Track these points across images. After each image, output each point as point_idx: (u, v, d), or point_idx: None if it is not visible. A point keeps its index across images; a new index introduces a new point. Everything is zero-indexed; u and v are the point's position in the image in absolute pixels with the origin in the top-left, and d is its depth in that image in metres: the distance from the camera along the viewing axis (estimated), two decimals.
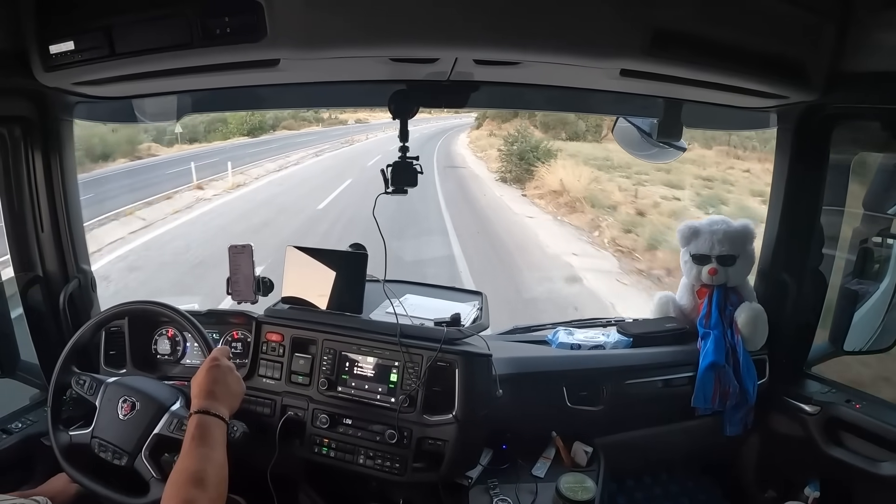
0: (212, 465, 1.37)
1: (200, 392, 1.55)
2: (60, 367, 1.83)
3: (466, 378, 1.88)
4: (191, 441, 1.42)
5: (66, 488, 1.81)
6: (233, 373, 1.65)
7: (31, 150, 1.99)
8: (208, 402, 1.51)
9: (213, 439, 1.44)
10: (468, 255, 9.84)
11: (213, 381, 1.58)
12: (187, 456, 1.39)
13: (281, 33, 1.39)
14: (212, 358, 1.65)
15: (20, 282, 2.10)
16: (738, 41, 1.58)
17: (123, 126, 14.68)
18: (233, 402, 1.60)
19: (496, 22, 1.40)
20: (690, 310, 2.48)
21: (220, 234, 11.81)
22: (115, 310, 1.94)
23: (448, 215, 13.11)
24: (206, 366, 1.62)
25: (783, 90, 1.81)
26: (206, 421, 1.47)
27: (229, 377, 1.63)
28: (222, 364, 1.64)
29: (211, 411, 1.49)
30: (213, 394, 1.54)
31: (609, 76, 1.69)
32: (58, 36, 1.53)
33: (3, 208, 2.05)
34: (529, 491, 2.02)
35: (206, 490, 1.32)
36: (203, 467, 1.36)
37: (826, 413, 2.21)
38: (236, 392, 1.63)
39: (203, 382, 1.57)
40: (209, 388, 1.56)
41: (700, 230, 2.37)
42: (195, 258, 9.77)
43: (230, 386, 1.62)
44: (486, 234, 11.88)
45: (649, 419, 2.39)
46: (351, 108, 7.22)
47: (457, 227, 12.04)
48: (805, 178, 2.18)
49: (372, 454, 1.93)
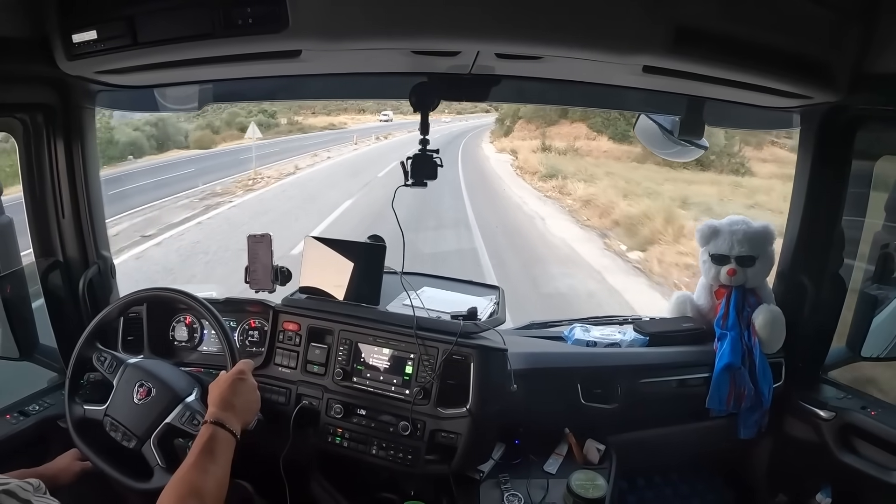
0: (214, 482, 1.38)
1: (221, 402, 1.56)
2: (84, 342, 1.86)
3: (481, 372, 1.88)
4: (199, 452, 1.42)
5: (70, 466, 1.82)
6: (255, 391, 1.68)
7: (52, 137, 2.02)
8: (225, 414, 1.53)
9: (221, 455, 1.45)
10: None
11: (234, 394, 1.60)
12: (193, 468, 1.39)
13: (303, 24, 1.39)
14: (239, 370, 1.67)
15: (41, 267, 2.13)
16: (761, 39, 1.56)
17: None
18: (247, 419, 1.62)
19: (519, 16, 1.39)
20: (708, 310, 2.46)
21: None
22: (135, 295, 1.96)
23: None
24: (232, 377, 1.64)
25: (806, 90, 1.78)
26: (218, 435, 1.48)
27: (251, 395, 1.66)
28: (248, 380, 1.67)
29: (226, 425, 1.50)
30: (232, 406, 1.56)
31: (631, 72, 1.68)
32: (80, 25, 1.54)
33: (24, 194, 2.07)
34: (540, 487, 2.02)
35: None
36: (205, 483, 1.36)
37: (841, 419, 2.18)
38: (253, 409, 1.66)
39: (225, 392, 1.59)
40: (230, 399, 1.58)
41: (720, 230, 2.34)
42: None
43: (250, 403, 1.65)
44: None
45: (663, 419, 2.37)
46: (372, 99, 7.26)
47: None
48: (827, 179, 2.15)
49: (385, 445, 1.94)
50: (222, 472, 1.43)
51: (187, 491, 1.33)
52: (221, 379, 1.65)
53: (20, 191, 2.09)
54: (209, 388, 1.65)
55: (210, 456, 1.42)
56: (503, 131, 27.30)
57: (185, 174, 18.57)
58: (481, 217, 13.09)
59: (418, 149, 1.93)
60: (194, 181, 17.31)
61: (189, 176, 18.21)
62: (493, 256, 9.71)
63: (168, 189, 16.11)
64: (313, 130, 35.88)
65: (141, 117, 20.90)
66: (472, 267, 8.80)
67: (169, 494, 1.32)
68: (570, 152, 21.81)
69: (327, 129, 37.32)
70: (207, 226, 12.80)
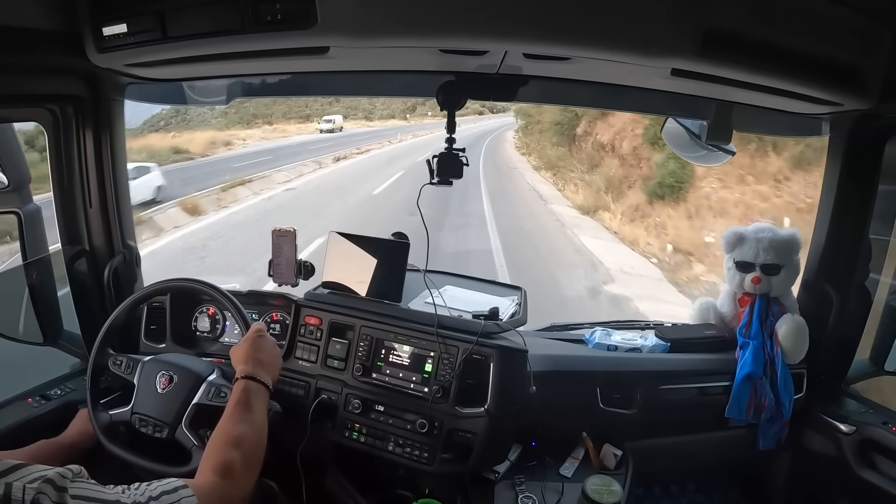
0: (252, 429, 1.43)
1: (246, 358, 1.61)
2: (97, 350, 1.89)
3: (501, 372, 1.88)
4: (235, 405, 1.47)
5: (86, 428, 1.83)
6: (276, 347, 1.74)
7: (82, 128, 2.05)
8: (254, 368, 1.58)
9: (256, 405, 1.50)
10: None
11: (257, 350, 1.64)
12: (229, 419, 1.44)
13: (331, 21, 1.40)
14: (257, 329, 1.72)
15: (67, 255, 2.16)
16: (791, 44, 1.54)
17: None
18: (274, 373, 1.66)
19: (547, 16, 1.39)
20: (731, 318, 2.42)
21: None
22: (158, 286, 1.99)
23: None
24: (252, 336, 1.69)
25: (837, 97, 1.75)
26: (251, 387, 1.53)
27: (273, 350, 1.72)
28: (266, 336, 1.71)
29: (257, 378, 1.55)
30: (259, 361, 1.61)
31: (660, 75, 1.66)
32: (111, 18, 1.55)
33: (52, 183, 2.11)
34: (555, 490, 2.02)
35: (244, 453, 1.36)
36: (243, 431, 1.41)
37: (861, 433, 2.15)
38: (277, 364, 1.71)
39: (248, 349, 1.63)
40: (255, 355, 1.62)
41: (745, 237, 2.31)
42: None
43: (274, 357, 1.70)
44: None
45: (681, 426, 2.35)
46: (399, 97, 7.27)
47: None
48: (856, 189, 2.12)
49: (401, 442, 1.94)
50: (259, 419, 1.48)
51: (225, 441, 1.37)
52: (241, 342, 1.69)
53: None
54: (230, 352, 1.70)
55: (245, 406, 1.48)
56: (599, 198, 16.20)
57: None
58: None
59: (444, 147, 1.93)
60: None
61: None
62: None
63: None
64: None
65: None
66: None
67: (209, 449, 1.37)
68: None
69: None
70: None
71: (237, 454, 1.35)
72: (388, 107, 51.89)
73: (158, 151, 24.07)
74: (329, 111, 41.19)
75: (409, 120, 50.50)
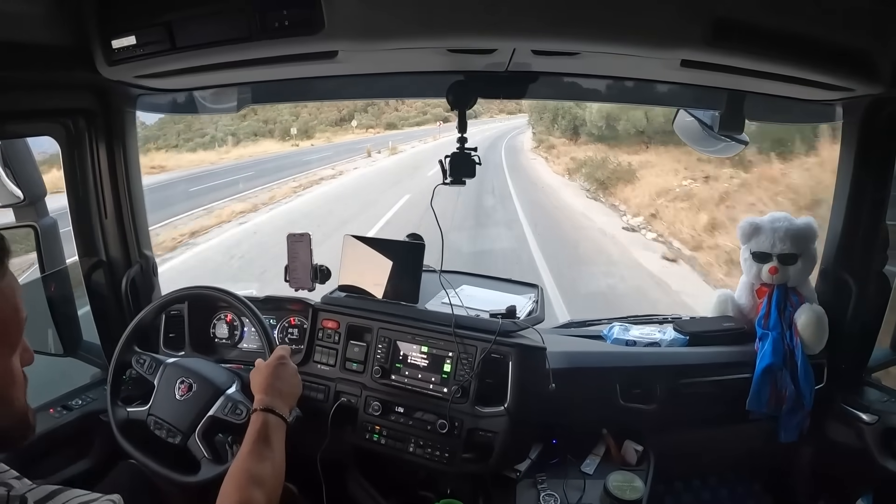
0: (272, 468, 1.41)
1: (266, 388, 1.59)
2: (122, 346, 1.90)
3: (520, 371, 1.88)
4: (255, 441, 1.45)
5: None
6: (297, 375, 1.71)
7: (95, 140, 2.07)
8: (273, 399, 1.55)
9: (275, 440, 1.48)
10: None
11: (277, 378, 1.62)
12: (250, 455, 1.41)
13: (338, 25, 1.41)
14: (280, 356, 1.70)
15: (84, 266, 2.18)
16: (802, 31, 1.52)
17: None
18: (292, 403, 1.65)
19: (555, 12, 1.39)
20: (749, 309, 2.40)
21: None
22: (176, 294, 2.01)
23: None
24: (274, 362, 1.66)
25: (849, 82, 1.73)
26: (270, 420, 1.50)
27: (294, 378, 1.69)
28: (289, 364, 1.69)
29: (276, 411, 1.53)
30: (278, 391, 1.59)
31: (669, 67, 1.66)
32: (119, 31, 1.57)
33: (68, 196, 2.13)
34: (577, 487, 2.01)
35: (266, 492, 1.34)
36: (264, 468, 1.39)
37: (884, 423, 2.12)
38: (297, 393, 1.69)
39: (269, 378, 1.61)
40: (275, 384, 1.60)
41: (761, 227, 2.28)
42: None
43: (294, 387, 1.67)
44: None
45: (702, 420, 2.33)
46: (409, 98, 7.37)
47: None
48: (871, 174, 2.09)
49: (422, 443, 1.94)
50: (279, 457, 1.45)
51: (247, 480, 1.35)
52: (262, 366, 1.67)
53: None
54: (251, 375, 1.68)
55: (265, 442, 1.45)
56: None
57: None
58: None
59: (456, 147, 1.94)
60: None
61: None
62: None
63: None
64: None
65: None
66: None
67: (230, 485, 1.34)
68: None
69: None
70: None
71: (260, 494, 1.33)
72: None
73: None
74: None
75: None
